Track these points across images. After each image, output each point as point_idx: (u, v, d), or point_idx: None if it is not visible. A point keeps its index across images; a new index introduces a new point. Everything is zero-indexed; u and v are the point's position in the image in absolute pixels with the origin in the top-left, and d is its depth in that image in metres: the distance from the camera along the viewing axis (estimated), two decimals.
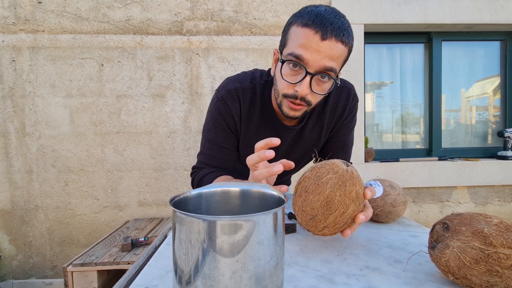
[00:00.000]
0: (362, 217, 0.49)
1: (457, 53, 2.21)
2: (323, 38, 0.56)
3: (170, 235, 0.71)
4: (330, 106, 0.81)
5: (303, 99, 0.63)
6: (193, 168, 0.86)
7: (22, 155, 1.84)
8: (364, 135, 2.07)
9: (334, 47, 0.58)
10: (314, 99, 0.65)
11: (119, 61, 1.85)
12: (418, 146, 2.25)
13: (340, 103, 0.82)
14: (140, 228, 1.67)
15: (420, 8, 1.95)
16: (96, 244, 1.49)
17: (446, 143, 2.23)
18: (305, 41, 0.58)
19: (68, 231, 1.89)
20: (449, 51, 2.19)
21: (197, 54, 1.88)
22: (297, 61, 0.59)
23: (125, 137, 1.88)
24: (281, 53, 0.65)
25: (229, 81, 0.78)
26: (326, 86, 0.64)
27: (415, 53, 2.20)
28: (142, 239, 1.43)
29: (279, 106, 0.69)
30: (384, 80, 2.23)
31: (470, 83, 2.25)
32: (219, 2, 1.87)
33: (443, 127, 2.20)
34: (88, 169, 1.87)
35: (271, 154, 0.51)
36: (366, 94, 2.17)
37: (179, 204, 0.39)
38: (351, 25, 0.62)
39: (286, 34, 0.63)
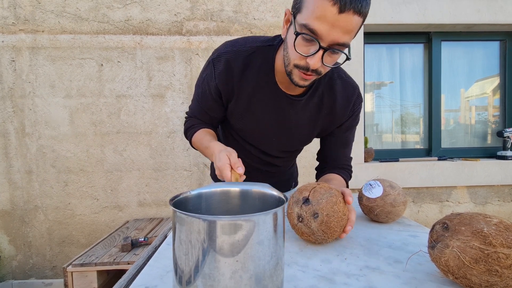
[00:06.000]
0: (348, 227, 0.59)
1: (457, 53, 2.21)
2: (341, 10, 0.53)
3: (170, 235, 0.71)
4: (334, 98, 0.80)
5: (314, 70, 0.63)
6: (186, 113, 0.92)
7: (21, 156, 1.84)
8: (364, 135, 2.07)
9: (350, 20, 0.55)
10: (324, 70, 0.65)
11: (118, 61, 1.85)
12: (417, 146, 2.26)
13: (345, 99, 0.81)
14: (140, 228, 1.67)
15: (419, 9, 1.95)
16: (96, 244, 1.49)
17: (445, 143, 2.23)
18: (321, 13, 0.55)
19: (68, 231, 1.89)
20: (449, 51, 2.19)
21: (197, 54, 1.88)
22: (312, 35, 0.57)
23: (125, 137, 1.88)
24: (294, 16, 0.62)
25: (224, 45, 0.77)
26: (337, 57, 0.64)
27: (414, 53, 2.21)
28: (142, 239, 1.43)
29: (289, 74, 0.67)
30: (384, 80, 2.23)
31: (469, 83, 2.25)
32: (218, 2, 1.87)
33: (442, 127, 2.20)
34: (88, 169, 1.87)
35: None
36: (365, 94, 2.17)
37: (179, 204, 0.39)
38: None
39: None
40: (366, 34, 2.04)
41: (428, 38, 2.15)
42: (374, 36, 2.12)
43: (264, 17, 1.89)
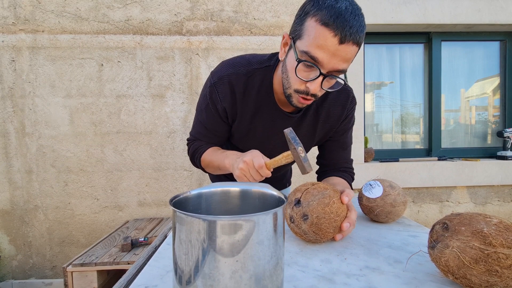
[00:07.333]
0: (346, 224, 0.59)
1: (457, 53, 2.21)
2: (341, 42, 0.57)
3: (170, 235, 0.71)
4: (328, 106, 0.82)
5: (313, 95, 0.66)
6: (188, 139, 0.92)
7: (21, 155, 1.84)
8: (364, 135, 2.07)
9: (349, 50, 0.59)
10: (321, 93, 0.69)
11: (119, 61, 1.85)
12: (417, 146, 2.26)
13: (340, 105, 0.83)
14: (140, 228, 1.67)
15: (419, 8, 1.95)
16: (96, 244, 1.49)
17: (445, 143, 2.23)
18: (322, 42, 0.58)
19: (68, 231, 1.89)
20: (449, 51, 2.19)
21: (197, 54, 1.88)
22: (313, 62, 0.60)
23: (125, 137, 1.88)
24: (293, 40, 0.64)
25: (223, 66, 0.78)
26: (334, 81, 0.67)
27: (414, 53, 2.21)
28: (142, 239, 1.43)
29: (288, 96, 0.70)
30: (384, 80, 2.23)
31: (469, 83, 2.25)
32: (219, 2, 1.87)
33: (442, 127, 2.20)
34: (88, 169, 1.87)
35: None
36: (365, 94, 2.17)
37: (179, 204, 0.39)
38: None
39: (302, 25, 0.61)
40: (366, 34, 2.03)
41: (428, 38, 2.15)
42: (374, 36, 2.12)
43: (264, 17, 1.89)
